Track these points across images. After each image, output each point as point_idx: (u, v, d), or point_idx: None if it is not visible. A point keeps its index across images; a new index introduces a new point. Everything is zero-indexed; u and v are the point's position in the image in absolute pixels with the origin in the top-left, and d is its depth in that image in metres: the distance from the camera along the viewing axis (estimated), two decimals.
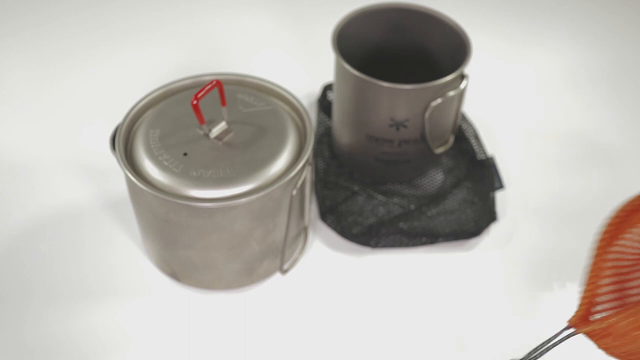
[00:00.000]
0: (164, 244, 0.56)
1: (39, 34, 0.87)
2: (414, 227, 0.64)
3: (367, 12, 0.66)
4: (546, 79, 0.85)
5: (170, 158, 0.51)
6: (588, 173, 0.72)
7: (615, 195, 0.70)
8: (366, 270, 0.62)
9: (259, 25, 0.91)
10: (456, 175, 0.69)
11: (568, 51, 0.89)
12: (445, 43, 0.65)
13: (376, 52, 0.69)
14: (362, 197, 0.67)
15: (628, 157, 0.75)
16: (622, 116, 0.80)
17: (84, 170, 0.69)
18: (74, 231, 0.63)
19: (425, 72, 0.67)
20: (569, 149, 0.75)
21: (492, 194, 0.67)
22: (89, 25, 0.89)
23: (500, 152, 0.72)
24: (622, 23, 0.94)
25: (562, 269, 0.63)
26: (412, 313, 0.59)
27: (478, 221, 0.64)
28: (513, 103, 0.81)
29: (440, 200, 0.66)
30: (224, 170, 0.50)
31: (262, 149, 0.52)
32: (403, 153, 0.64)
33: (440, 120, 0.63)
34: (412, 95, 0.59)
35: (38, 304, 0.58)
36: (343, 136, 0.67)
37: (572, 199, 0.69)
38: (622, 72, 0.86)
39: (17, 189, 0.67)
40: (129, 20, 0.91)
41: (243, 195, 0.49)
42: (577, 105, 0.81)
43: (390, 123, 0.61)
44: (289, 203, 0.53)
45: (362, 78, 0.59)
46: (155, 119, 0.54)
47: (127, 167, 0.50)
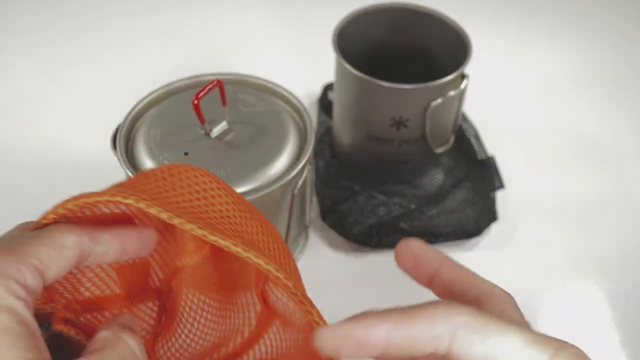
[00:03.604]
0: None
1: (39, 34, 0.87)
2: (414, 226, 0.64)
3: (367, 12, 0.66)
4: (547, 79, 0.85)
5: (171, 158, 0.51)
6: (589, 173, 0.73)
7: (616, 195, 0.70)
8: (366, 270, 0.62)
9: (260, 25, 0.91)
10: (456, 175, 0.69)
11: (569, 51, 0.89)
12: (445, 43, 0.65)
13: (376, 52, 0.69)
14: (363, 197, 0.67)
15: (629, 157, 0.75)
16: (623, 116, 0.80)
17: (85, 170, 0.69)
18: None
19: (426, 72, 0.67)
20: (570, 149, 0.75)
21: (492, 193, 0.67)
22: (90, 24, 0.89)
23: (500, 152, 0.72)
24: (623, 22, 0.94)
25: (562, 269, 0.63)
26: None
27: (478, 221, 0.64)
28: (513, 103, 0.81)
29: (441, 200, 0.66)
30: (225, 169, 0.50)
31: (263, 148, 0.52)
32: (403, 153, 0.64)
33: (440, 120, 0.63)
34: (412, 95, 0.59)
35: None
36: (343, 136, 0.68)
37: (572, 199, 0.70)
38: (623, 71, 0.86)
39: (18, 188, 0.67)
40: (130, 20, 0.91)
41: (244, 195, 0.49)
42: (578, 105, 0.81)
43: (391, 123, 0.61)
44: (289, 203, 0.53)
45: (362, 78, 0.59)
46: (156, 118, 0.54)
47: (128, 167, 0.50)
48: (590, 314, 0.59)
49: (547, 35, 0.92)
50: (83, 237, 0.28)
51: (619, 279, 0.62)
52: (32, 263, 0.25)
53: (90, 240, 0.28)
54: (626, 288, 0.61)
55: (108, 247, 0.29)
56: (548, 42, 0.90)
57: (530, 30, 0.92)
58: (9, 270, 0.24)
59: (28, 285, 0.25)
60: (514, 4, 0.97)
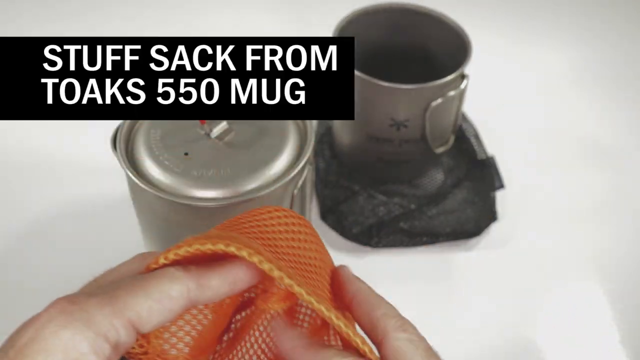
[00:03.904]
0: (164, 244, 0.56)
1: (40, 33, 0.87)
2: (414, 226, 0.64)
3: (367, 12, 0.66)
4: (546, 79, 0.85)
5: (171, 158, 0.51)
6: (589, 173, 0.73)
7: (616, 195, 0.70)
8: (366, 270, 0.62)
9: (260, 25, 0.91)
10: (456, 175, 0.69)
11: (569, 50, 0.89)
12: (445, 43, 0.65)
13: (376, 52, 0.69)
14: (363, 197, 0.67)
15: (629, 157, 0.75)
16: (623, 116, 0.80)
17: (85, 170, 0.69)
18: (75, 231, 0.64)
19: (426, 72, 0.67)
20: (570, 149, 0.75)
21: (492, 193, 0.67)
22: (90, 24, 0.89)
23: (500, 152, 0.72)
24: (623, 22, 0.94)
25: (562, 268, 0.63)
26: (412, 312, 0.59)
27: (478, 221, 0.64)
28: (513, 103, 0.81)
29: (441, 200, 0.66)
30: (225, 170, 0.50)
31: (263, 148, 0.52)
32: (403, 153, 0.64)
33: (440, 120, 0.63)
34: (412, 95, 0.59)
35: (38, 304, 0.58)
36: (343, 136, 0.68)
37: (572, 199, 0.70)
38: (623, 71, 0.86)
39: (17, 188, 0.67)
40: (130, 20, 0.91)
41: (244, 195, 0.49)
42: (578, 104, 0.81)
43: (391, 123, 0.61)
44: (289, 203, 0.53)
45: (362, 78, 0.59)
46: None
47: (128, 167, 0.50)
48: (590, 314, 0.59)
49: (547, 35, 0.92)
50: (191, 285, 0.25)
51: (619, 279, 0.62)
52: (129, 318, 0.24)
53: (198, 288, 0.26)
54: (626, 288, 0.61)
55: (217, 292, 0.27)
56: (548, 42, 0.90)
57: (530, 30, 0.92)
58: (101, 323, 0.23)
59: (118, 341, 0.23)
60: (514, 4, 0.97)
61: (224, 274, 0.27)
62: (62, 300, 0.24)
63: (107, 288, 0.25)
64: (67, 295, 0.24)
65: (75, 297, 0.24)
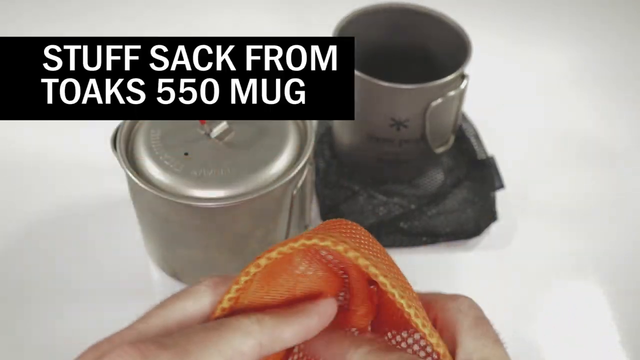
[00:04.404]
0: (164, 244, 0.56)
1: (40, 33, 0.87)
2: (414, 226, 0.64)
3: (367, 12, 0.66)
4: (546, 79, 0.85)
5: (171, 158, 0.51)
6: (589, 173, 0.73)
7: (616, 195, 0.70)
8: None
9: (260, 25, 0.91)
10: (456, 175, 0.69)
11: (569, 50, 0.89)
12: (445, 43, 0.65)
13: (376, 52, 0.69)
14: (363, 197, 0.67)
15: (629, 156, 0.75)
16: (623, 116, 0.80)
17: (85, 170, 0.69)
18: (75, 231, 0.64)
19: (426, 72, 0.67)
20: (570, 149, 0.75)
21: (492, 193, 0.67)
22: (90, 24, 0.89)
23: (500, 152, 0.72)
24: (623, 22, 0.94)
25: (562, 269, 0.63)
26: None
27: (478, 221, 0.64)
28: (513, 103, 0.81)
29: (441, 200, 0.66)
30: (225, 170, 0.50)
31: (262, 148, 0.52)
32: (403, 153, 0.64)
33: (440, 120, 0.63)
34: (412, 95, 0.59)
35: (38, 303, 0.58)
36: (343, 136, 0.68)
37: (572, 199, 0.70)
38: (623, 71, 0.86)
39: (17, 188, 0.67)
40: (129, 20, 0.91)
41: (244, 195, 0.49)
42: (578, 104, 0.81)
43: (391, 123, 0.61)
44: (289, 203, 0.53)
45: (362, 78, 0.59)
46: None
47: (128, 167, 0.50)
48: (590, 314, 0.59)
49: (547, 35, 0.92)
50: (264, 340, 0.25)
51: (619, 279, 0.62)
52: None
53: (271, 342, 0.25)
54: (626, 288, 0.61)
55: (288, 344, 0.26)
56: (548, 42, 0.90)
57: (530, 30, 0.92)
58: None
59: None
60: (514, 4, 0.97)
61: (297, 324, 0.26)
62: (132, 350, 0.23)
63: (178, 339, 0.23)
64: (136, 343, 0.23)
65: (147, 350, 0.23)
